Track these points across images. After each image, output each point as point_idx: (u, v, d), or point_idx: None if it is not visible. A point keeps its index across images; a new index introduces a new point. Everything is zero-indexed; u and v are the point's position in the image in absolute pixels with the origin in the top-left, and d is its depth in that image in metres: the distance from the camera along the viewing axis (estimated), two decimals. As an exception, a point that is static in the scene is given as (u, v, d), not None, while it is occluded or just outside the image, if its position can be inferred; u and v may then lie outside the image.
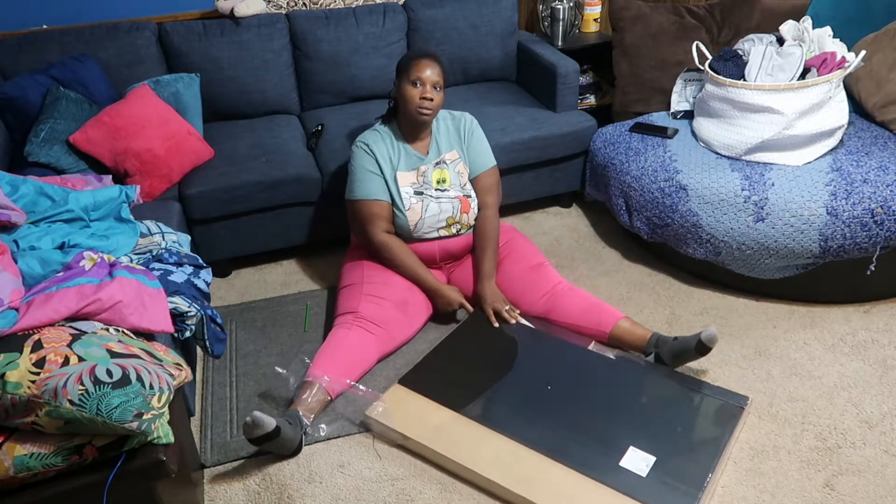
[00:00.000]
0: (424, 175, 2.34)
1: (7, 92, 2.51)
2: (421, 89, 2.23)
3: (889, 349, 2.24)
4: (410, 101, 2.24)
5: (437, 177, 2.35)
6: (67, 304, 1.55)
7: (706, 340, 2.04)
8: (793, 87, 2.40)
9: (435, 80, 2.25)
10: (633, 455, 1.81)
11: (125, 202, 2.11)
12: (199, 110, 2.79)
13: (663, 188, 2.50)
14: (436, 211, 2.32)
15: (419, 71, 2.23)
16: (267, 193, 2.58)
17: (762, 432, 1.97)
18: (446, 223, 2.35)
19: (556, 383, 2.06)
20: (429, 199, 2.32)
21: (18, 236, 1.84)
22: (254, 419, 1.80)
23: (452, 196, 2.35)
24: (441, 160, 2.37)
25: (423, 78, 2.23)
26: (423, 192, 2.32)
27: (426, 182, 2.34)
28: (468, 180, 2.42)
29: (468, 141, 2.43)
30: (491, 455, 1.84)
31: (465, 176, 2.40)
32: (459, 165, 2.40)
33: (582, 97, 3.42)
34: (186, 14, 3.02)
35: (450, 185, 2.36)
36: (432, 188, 2.34)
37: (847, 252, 2.26)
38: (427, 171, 2.35)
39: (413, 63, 2.25)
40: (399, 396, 2.04)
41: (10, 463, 1.34)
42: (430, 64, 2.25)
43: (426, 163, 2.36)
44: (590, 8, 3.46)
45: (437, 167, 2.36)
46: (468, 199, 2.38)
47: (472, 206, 2.39)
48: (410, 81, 2.24)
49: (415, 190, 2.32)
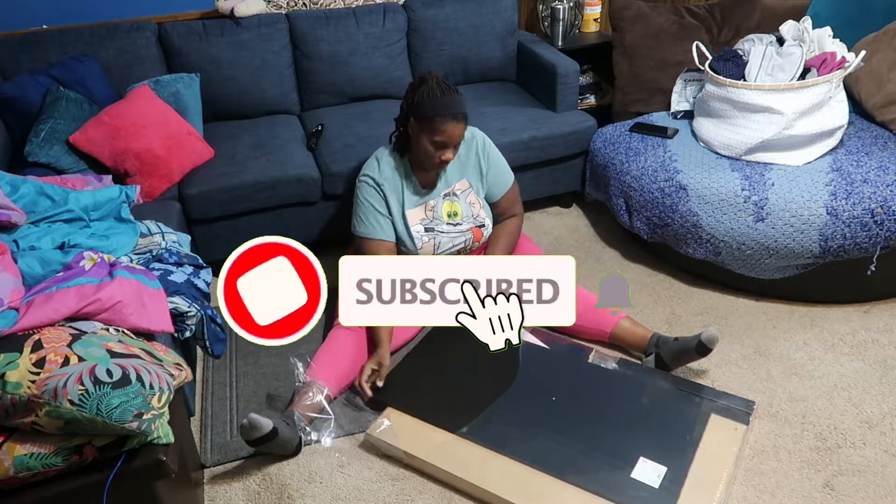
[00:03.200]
0: (434, 210, 2.26)
1: (7, 92, 2.51)
2: (442, 152, 2.10)
3: (889, 349, 2.24)
4: (429, 157, 2.11)
5: (448, 210, 2.26)
6: (67, 304, 1.55)
7: (706, 341, 2.03)
8: (793, 87, 2.40)
9: (459, 142, 2.12)
10: (644, 466, 1.77)
11: (125, 202, 2.11)
12: (199, 110, 2.79)
13: (663, 188, 2.50)
14: (447, 246, 2.27)
15: (447, 136, 2.06)
16: (267, 193, 2.58)
17: (762, 432, 1.97)
18: (458, 253, 2.31)
19: (558, 395, 2.02)
20: (440, 235, 2.25)
21: (18, 236, 1.84)
22: (250, 421, 1.80)
23: (465, 229, 2.28)
24: (451, 192, 2.28)
25: (449, 142, 2.08)
26: (434, 228, 2.25)
27: (436, 217, 2.25)
28: (482, 209, 2.32)
29: (487, 163, 2.31)
30: (500, 473, 1.79)
31: (476, 206, 2.30)
32: (471, 196, 2.30)
33: (582, 97, 3.42)
34: (186, 14, 3.02)
35: (461, 218, 2.27)
36: (443, 222, 2.26)
37: (847, 252, 2.26)
38: (437, 206, 2.26)
39: (440, 125, 2.04)
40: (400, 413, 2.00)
41: (10, 463, 1.34)
42: (460, 127, 2.07)
43: (435, 197, 2.27)
44: (590, 8, 3.46)
45: (446, 199, 2.27)
46: (480, 230, 2.31)
47: (485, 235, 2.33)
48: (432, 141, 2.07)
49: (425, 227, 2.24)
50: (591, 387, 2.07)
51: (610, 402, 2.01)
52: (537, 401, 2.02)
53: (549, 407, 1.99)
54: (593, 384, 2.07)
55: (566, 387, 2.07)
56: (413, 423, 1.96)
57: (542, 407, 1.99)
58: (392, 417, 1.98)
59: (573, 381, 2.09)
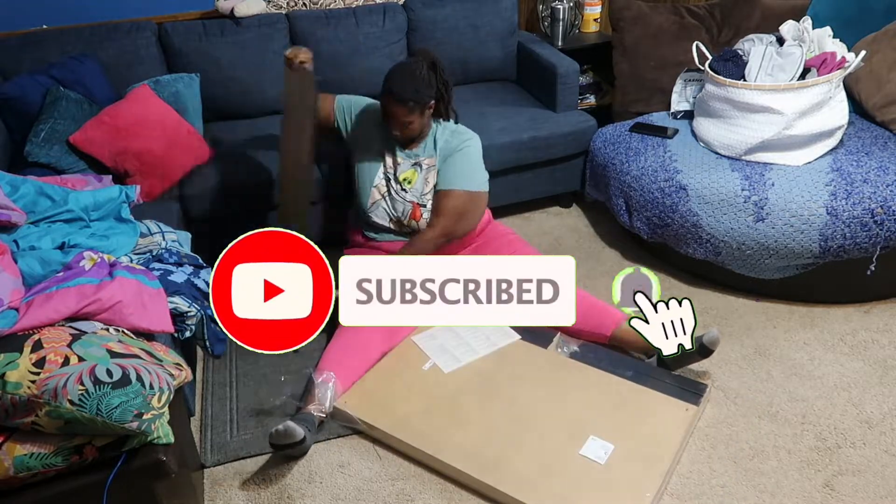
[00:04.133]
0: (397, 168, 2.33)
1: (7, 92, 2.51)
2: (391, 123, 2.22)
3: (889, 349, 2.24)
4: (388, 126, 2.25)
5: (406, 176, 2.33)
6: (67, 304, 1.55)
7: (708, 343, 2.04)
8: (793, 87, 2.40)
9: (402, 121, 2.19)
10: (593, 444, 1.87)
11: (125, 202, 2.11)
12: (199, 110, 2.79)
13: (663, 188, 2.50)
14: (388, 205, 2.34)
15: (388, 111, 2.20)
16: (267, 193, 2.58)
17: (762, 432, 1.97)
18: (392, 219, 2.35)
19: (520, 379, 2.10)
20: (389, 191, 2.33)
21: (18, 236, 1.84)
22: (286, 428, 1.83)
23: (408, 199, 2.32)
24: (419, 162, 2.33)
25: (391, 117, 2.21)
26: (389, 181, 2.33)
27: (395, 175, 2.33)
28: (431, 193, 2.33)
29: (453, 155, 2.32)
30: (457, 444, 1.89)
31: (429, 186, 2.33)
32: (431, 174, 2.34)
33: (582, 97, 3.42)
34: (186, 14, 3.02)
35: (412, 188, 2.32)
36: (396, 182, 2.33)
37: (847, 252, 2.26)
38: (401, 165, 2.33)
39: (384, 98, 2.20)
40: (367, 388, 2.08)
41: (10, 463, 1.34)
42: (399, 107, 2.17)
43: (406, 157, 2.33)
44: (590, 8, 3.46)
45: (412, 167, 2.33)
46: (420, 209, 2.33)
47: (424, 217, 2.33)
48: (384, 110, 2.22)
49: (386, 175, 2.33)
50: (553, 370, 2.13)
51: (568, 385, 2.08)
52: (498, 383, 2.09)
53: (509, 389, 2.07)
54: (554, 367, 2.14)
55: (529, 371, 2.13)
56: (375, 396, 2.05)
57: (503, 389, 2.07)
58: (357, 392, 2.06)
59: (536, 365, 2.16)
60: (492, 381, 2.12)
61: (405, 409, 2.02)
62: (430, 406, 2.03)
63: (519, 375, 2.13)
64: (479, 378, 2.13)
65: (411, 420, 1.98)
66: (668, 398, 2.00)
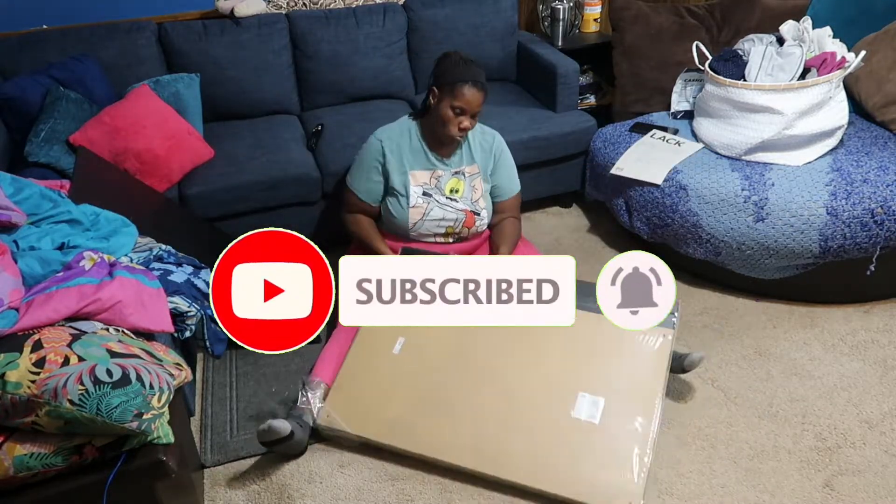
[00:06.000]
0: (439, 180, 2.29)
1: (7, 92, 2.51)
2: (461, 118, 2.15)
3: (889, 349, 2.24)
4: (447, 123, 2.16)
5: (451, 186, 2.30)
6: (67, 304, 1.55)
7: (688, 365, 2.05)
8: (793, 87, 2.40)
9: (478, 111, 2.17)
10: (583, 401, 1.88)
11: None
12: (199, 110, 2.79)
13: (663, 188, 2.50)
14: (438, 216, 2.29)
15: (466, 101, 2.12)
16: (267, 193, 2.58)
17: (762, 432, 1.97)
18: (445, 231, 2.32)
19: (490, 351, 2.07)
20: (434, 204, 2.28)
21: (18, 236, 1.84)
22: (270, 426, 1.83)
23: (460, 208, 2.30)
24: (460, 171, 2.31)
25: (468, 108, 2.14)
26: (432, 196, 2.28)
27: (438, 187, 2.29)
28: (482, 197, 2.34)
29: (498, 161, 2.36)
30: (451, 440, 1.89)
31: (479, 192, 2.33)
32: (476, 181, 2.33)
33: (582, 97, 3.42)
34: (186, 14, 3.02)
35: (461, 196, 2.30)
36: (443, 195, 2.29)
37: (847, 252, 2.26)
38: (443, 177, 2.29)
39: (460, 88, 2.11)
40: (344, 394, 2.02)
41: (10, 463, 1.34)
42: (479, 95, 2.14)
43: (445, 168, 2.30)
44: (590, 8, 3.46)
45: (454, 176, 2.30)
46: (474, 216, 2.33)
47: (477, 224, 2.34)
48: (452, 107, 2.13)
49: (424, 191, 2.28)
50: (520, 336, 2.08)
51: (542, 343, 2.05)
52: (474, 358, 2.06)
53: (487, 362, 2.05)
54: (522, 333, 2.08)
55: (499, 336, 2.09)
56: (358, 405, 2.00)
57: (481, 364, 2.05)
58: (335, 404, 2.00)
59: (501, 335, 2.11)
60: (467, 357, 2.08)
61: (390, 411, 1.97)
62: (414, 401, 1.99)
63: (492, 345, 2.08)
64: (453, 357, 2.08)
65: (400, 422, 1.95)
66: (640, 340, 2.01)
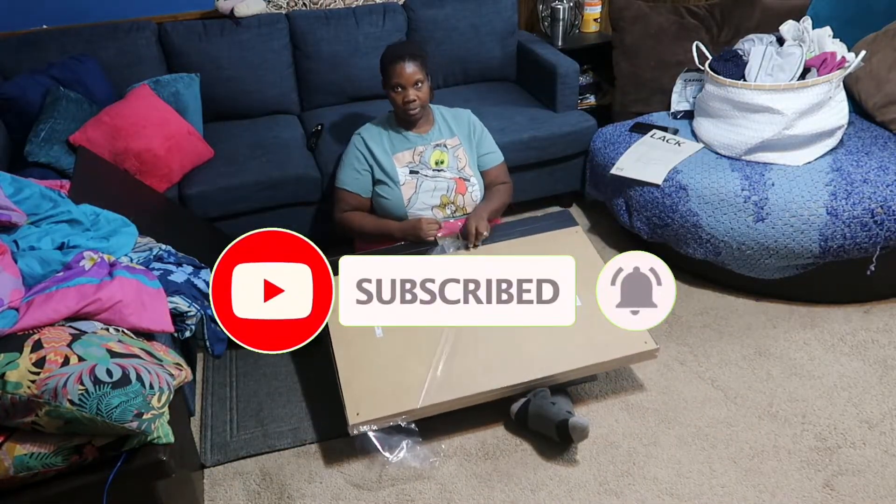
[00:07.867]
0: (422, 155, 2.39)
1: (7, 92, 2.51)
2: (403, 93, 2.27)
3: (889, 349, 2.24)
4: (396, 102, 2.31)
5: (436, 157, 2.39)
6: (67, 304, 1.55)
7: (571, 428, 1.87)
8: (793, 87, 2.40)
9: (415, 79, 2.27)
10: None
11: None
12: (199, 110, 2.79)
13: (663, 188, 2.50)
14: (430, 188, 2.37)
15: (397, 76, 2.26)
16: (267, 193, 2.58)
17: (762, 432, 1.97)
18: (441, 202, 2.38)
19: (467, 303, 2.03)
20: (423, 178, 2.37)
21: (18, 236, 1.84)
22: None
23: (448, 177, 2.39)
24: (441, 143, 2.41)
25: (402, 82, 2.26)
26: (419, 171, 2.37)
27: (423, 162, 2.39)
28: (468, 165, 2.44)
29: (478, 135, 2.48)
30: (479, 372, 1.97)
31: (463, 161, 2.43)
32: (459, 151, 2.43)
33: (582, 97, 3.42)
34: (186, 14, 3.02)
35: (447, 166, 2.40)
36: (429, 168, 2.38)
37: (847, 252, 2.26)
38: (425, 152, 2.40)
39: (389, 69, 2.28)
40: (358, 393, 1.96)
41: (10, 463, 1.34)
42: (406, 65, 2.25)
43: (425, 143, 2.40)
44: (590, 8, 3.46)
45: (436, 149, 2.41)
46: (465, 182, 2.41)
47: (469, 190, 2.41)
48: (391, 87, 2.29)
49: (410, 169, 2.38)
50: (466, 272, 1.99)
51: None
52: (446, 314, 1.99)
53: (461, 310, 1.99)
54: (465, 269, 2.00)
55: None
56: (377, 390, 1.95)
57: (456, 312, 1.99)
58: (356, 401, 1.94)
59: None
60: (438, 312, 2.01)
61: (409, 378, 1.97)
62: (424, 360, 2.01)
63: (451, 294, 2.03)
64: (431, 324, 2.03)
65: (425, 382, 1.96)
66: (558, 231, 2.31)
